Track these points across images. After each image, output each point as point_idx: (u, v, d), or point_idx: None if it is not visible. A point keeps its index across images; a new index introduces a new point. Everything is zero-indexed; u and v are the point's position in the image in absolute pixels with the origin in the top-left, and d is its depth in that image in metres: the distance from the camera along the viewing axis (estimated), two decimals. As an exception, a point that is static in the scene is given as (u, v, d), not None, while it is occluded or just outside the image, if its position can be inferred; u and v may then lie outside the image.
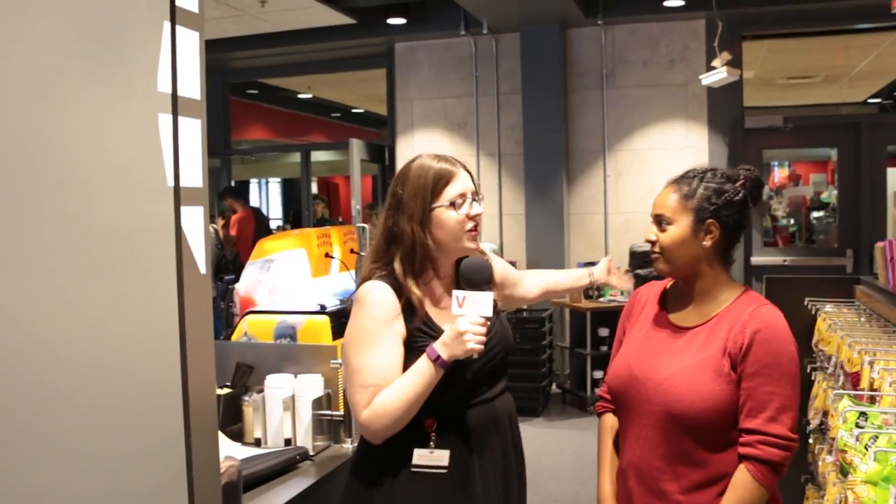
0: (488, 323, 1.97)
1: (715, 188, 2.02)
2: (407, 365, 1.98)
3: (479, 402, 2.06)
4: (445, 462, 1.98)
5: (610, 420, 2.22)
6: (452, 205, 2.02)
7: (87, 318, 1.27)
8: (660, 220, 2.05)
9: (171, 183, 1.48)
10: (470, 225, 2.04)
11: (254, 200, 15.48)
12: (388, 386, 1.95)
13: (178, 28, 1.52)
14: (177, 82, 1.51)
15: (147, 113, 1.44)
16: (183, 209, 1.51)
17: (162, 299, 1.45)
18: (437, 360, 1.93)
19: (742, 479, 1.86)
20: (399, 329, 2.00)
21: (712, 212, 2.00)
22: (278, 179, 16.94)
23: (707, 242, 2.00)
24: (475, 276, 2.01)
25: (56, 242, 1.22)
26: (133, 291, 1.38)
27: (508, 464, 2.13)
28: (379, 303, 2.00)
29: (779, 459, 1.84)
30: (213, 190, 9.65)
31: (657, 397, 1.96)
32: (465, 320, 1.94)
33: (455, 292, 1.98)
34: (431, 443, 2.00)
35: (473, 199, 2.06)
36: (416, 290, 2.02)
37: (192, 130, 1.56)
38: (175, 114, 1.50)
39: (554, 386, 7.43)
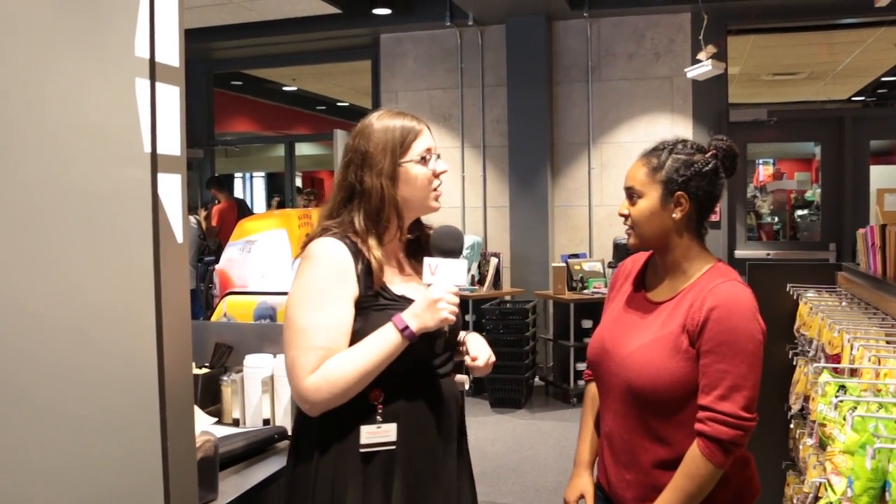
0: (460, 293, 1.90)
1: (684, 160, 1.98)
2: (355, 330, 1.86)
3: (427, 376, 1.95)
4: (393, 437, 1.86)
5: (593, 389, 2.22)
6: (423, 160, 1.95)
7: (62, 282, 1.26)
8: (631, 194, 2.04)
9: (147, 149, 1.46)
10: (436, 183, 1.98)
11: (238, 194, 15.43)
12: (341, 351, 1.82)
13: (156, -7, 1.50)
14: (154, 48, 1.48)
15: (124, 77, 1.42)
16: (160, 176, 1.49)
17: (138, 265, 1.43)
18: (404, 330, 1.82)
19: (692, 454, 1.86)
20: (352, 290, 1.86)
21: (681, 183, 1.97)
22: (262, 173, 16.88)
23: (677, 215, 1.98)
24: (448, 244, 1.94)
25: (30, 205, 1.21)
26: (109, 257, 1.36)
27: (450, 445, 1.99)
28: (332, 259, 1.86)
29: (727, 438, 1.82)
30: (196, 182, 9.61)
31: (622, 372, 1.98)
32: (439, 288, 1.86)
33: (427, 260, 1.91)
34: (378, 416, 1.86)
35: (437, 157, 2.00)
36: (376, 251, 1.89)
37: (171, 97, 1.53)
38: (153, 79, 1.48)
39: (537, 378, 7.43)
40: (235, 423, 2.61)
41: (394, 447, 1.86)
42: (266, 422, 2.58)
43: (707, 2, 6.85)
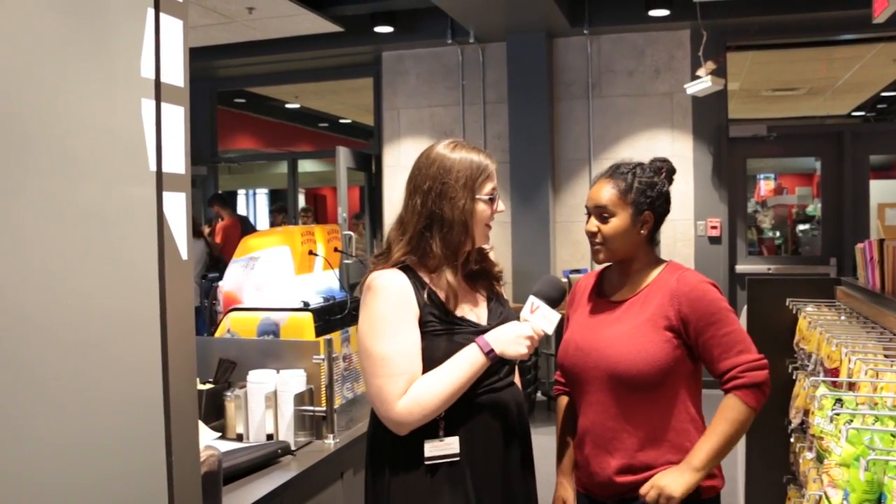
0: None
1: (647, 182, 2.22)
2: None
3: (487, 391, 2.04)
4: (456, 449, 1.97)
5: (564, 401, 2.42)
6: (491, 199, 2.06)
7: (67, 298, 1.28)
8: (601, 213, 2.22)
9: (153, 168, 1.48)
10: (490, 221, 2.10)
11: (241, 211, 15.44)
12: (428, 374, 1.94)
13: (162, 15, 1.52)
14: (160, 69, 1.51)
15: (130, 97, 1.44)
16: (165, 194, 1.51)
17: (143, 282, 1.45)
18: (490, 353, 1.96)
19: (730, 404, 2.08)
20: (416, 312, 1.98)
21: (648, 204, 2.21)
22: (265, 190, 16.90)
23: (644, 231, 2.23)
24: (555, 294, 2.11)
25: (37, 223, 1.23)
26: (114, 273, 1.38)
27: (513, 451, 2.10)
28: (393, 287, 1.98)
29: (762, 380, 2.08)
30: (199, 199, 9.64)
31: (602, 362, 2.16)
32: (530, 326, 2.03)
33: (532, 298, 2.07)
34: (441, 431, 1.97)
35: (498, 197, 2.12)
36: (451, 279, 2.01)
37: (175, 117, 1.56)
38: (158, 99, 1.50)
39: (539, 393, 7.42)
40: (239, 438, 2.63)
41: (457, 459, 1.98)
42: (269, 437, 2.60)
43: (706, 19, 6.89)
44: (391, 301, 1.97)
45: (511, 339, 1.99)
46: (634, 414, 2.13)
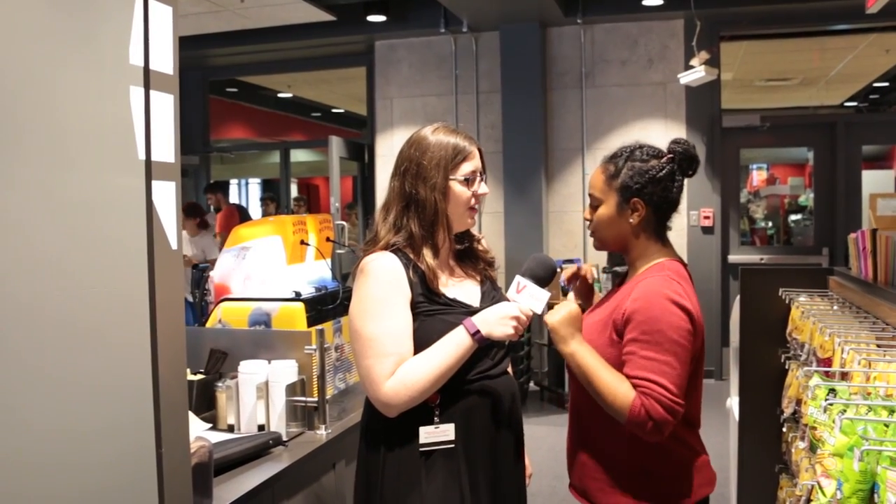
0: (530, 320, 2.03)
1: (639, 167, 2.06)
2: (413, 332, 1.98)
3: (481, 378, 2.05)
4: (451, 436, 1.98)
5: None
6: (466, 181, 2.06)
7: (56, 288, 1.27)
8: (591, 201, 2.15)
9: (142, 156, 1.47)
10: (473, 202, 2.09)
11: (233, 200, 15.41)
12: (416, 356, 1.95)
13: (151, 2, 1.51)
14: (149, 56, 1.50)
15: (118, 85, 1.43)
16: (154, 183, 1.50)
17: (132, 272, 1.44)
18: (475, 334, 1.95)
19: (627, 392, 1.89)
20: (407, 296, 1.99)
21: (636, 190, 2.05)
22: (258, 180, 16.87)
23: (634, 220, 2.07)
24: (542, 272, 2.06)
25: (25, 213, 1.21)
26: (103, 263, 1.37)
27: (505, 440, 2.11)
28: (385, 270, 1.99)
29: (659, 417, 1.85)
30: (191, 189, 9.60)
31: None
32: (517, 307, 1.99)
33: (518, 277, 2.04)
34: (436, 418, 1.98)
35: (481, 180, 2.12)
36: (430, 261, 2.02)
37: (165, 105, 1.55)
38: (147, 87, 1.49)
39: (532, 383, 7.44)
40: (230, 428, 2.62)
41: (452, 445, 1.99)
42: (261, 427, 2.58)
43: (700, 8, 6.89)
44: (382, 283, 1.98)
45: (497, 320, 1.97)
46: (590, 406, 2.04)
